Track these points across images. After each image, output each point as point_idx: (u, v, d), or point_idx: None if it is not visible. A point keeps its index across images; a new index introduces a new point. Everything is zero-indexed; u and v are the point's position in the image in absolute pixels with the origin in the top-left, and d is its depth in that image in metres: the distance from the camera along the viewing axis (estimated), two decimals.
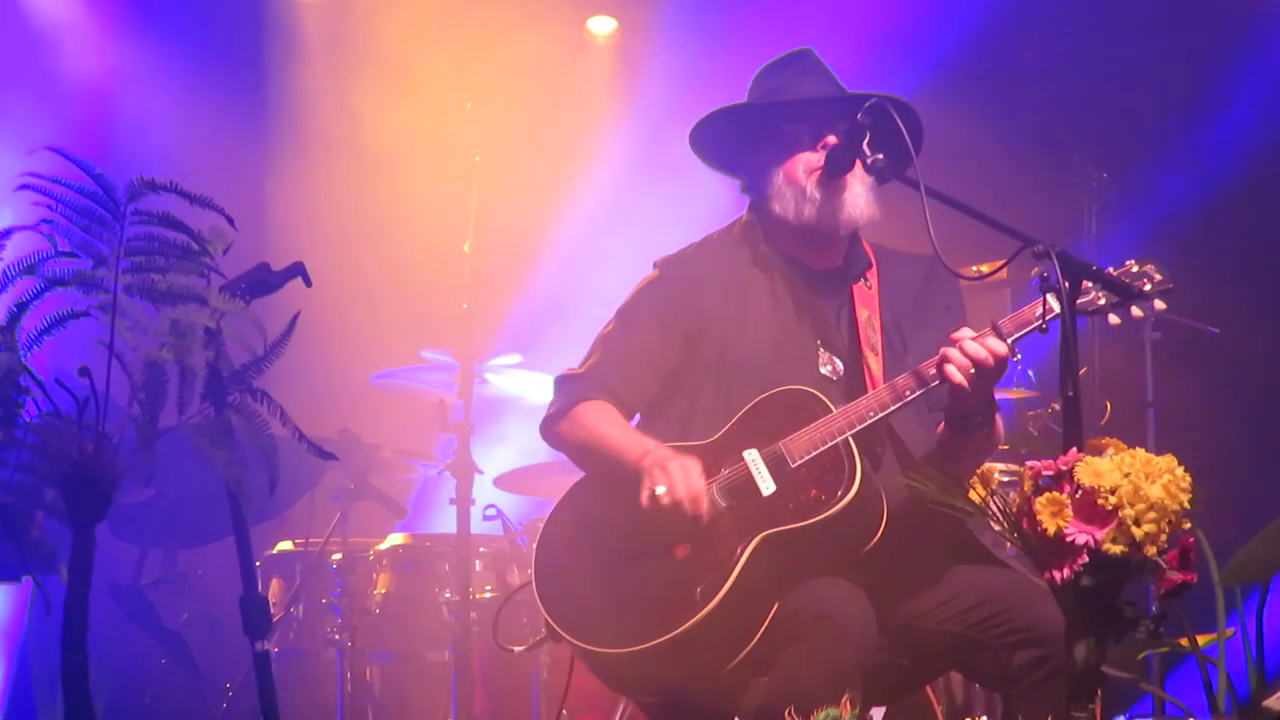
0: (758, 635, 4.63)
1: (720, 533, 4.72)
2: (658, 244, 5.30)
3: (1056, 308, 4.50)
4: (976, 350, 4.65)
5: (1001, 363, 4.67)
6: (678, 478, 4.69)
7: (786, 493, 4.73)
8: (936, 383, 4.72)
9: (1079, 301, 4.42)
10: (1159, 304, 4.73)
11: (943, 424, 4.92)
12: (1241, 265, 8.76)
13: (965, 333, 4.70)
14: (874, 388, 4.85)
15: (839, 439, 4.73)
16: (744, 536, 4.68)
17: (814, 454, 4.74)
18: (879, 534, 4.70)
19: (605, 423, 4.96)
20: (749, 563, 4.65)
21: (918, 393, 4.76)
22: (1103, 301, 4.70)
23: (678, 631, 4.62)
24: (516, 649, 5.66)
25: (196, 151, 8.73)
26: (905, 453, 4.91)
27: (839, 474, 4.70)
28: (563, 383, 5.11)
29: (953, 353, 4.66)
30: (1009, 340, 4.69)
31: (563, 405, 5.04)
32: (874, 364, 4.94)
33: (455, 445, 7.60)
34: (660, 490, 4.68)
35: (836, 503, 4.66)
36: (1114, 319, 4.73)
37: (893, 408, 4.76)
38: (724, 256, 5.12)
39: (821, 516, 4.66)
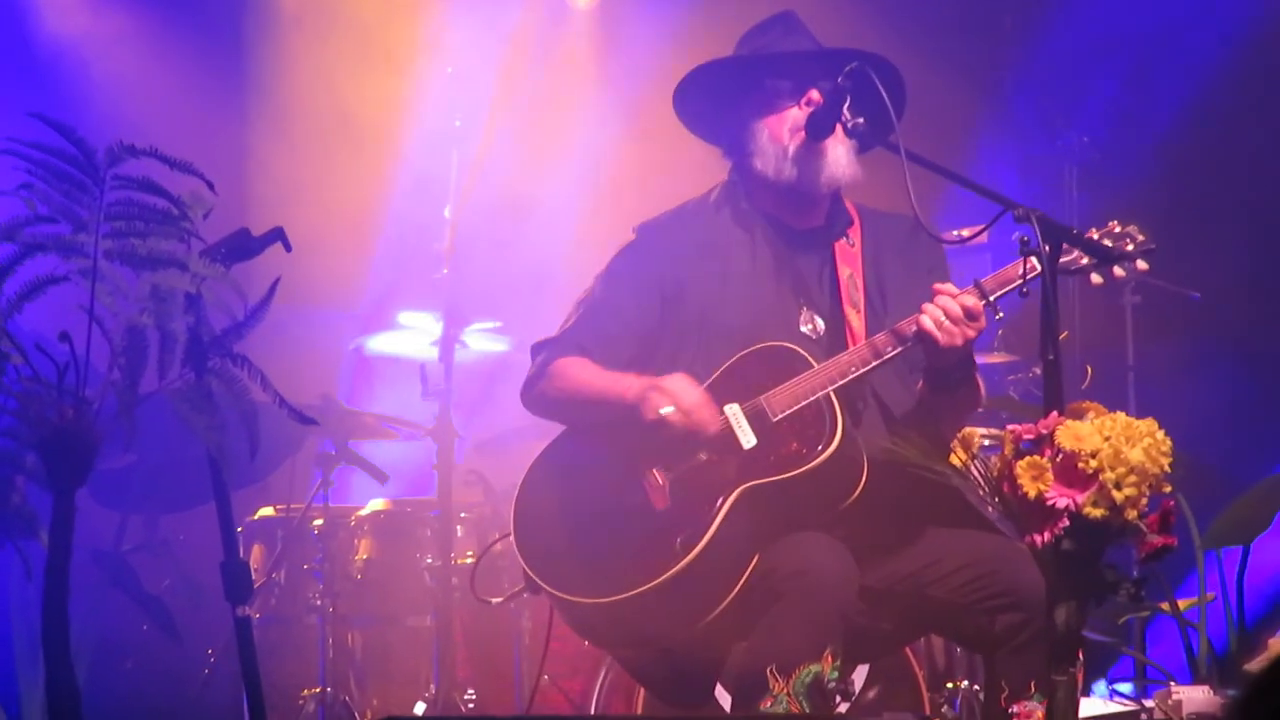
0: (736, 588, 4.63)
1: (701, 486, 4.73)
2: (640, 209, 5.30)
3: (1039, 267, 4.52)
4: (954, 308, 4.66)
5: (981, 321, 4.68)
6: (678, 391, 4.71)
7: (767, 446, 4.74)
8: (917, 340, 4.73)
9: (1061, 261, 4.42)
10: (1141, 264, 4.74)
11: (922, 383, 4.92)
12: (1222, 230, 8.76)
13: (948, 287, 4.70)
14: (855, 345, 4.85)
15: (820, 393, 4.74)
16: (725, 489, 4.69)
17: (795, 408, 4.74)
18: (859, 488, 4.70)
19: (585, 372, 4.97)
20: (729, 515, 4.66)
21: (899, 349, 4.76)
22: (1085, 261, 4.70)
23: (657, 581, 4.63)
24: (494, 600, 5.67)
25: (176, 116, 8.69)
26: (886, 412, 4.92)
27: (820, 428, 4.71)
28: (538, 348, 5.13)
29: (932, 309, 4.67)
30: (991, 298, 4.70)
31: (539, 368, 5.07)
32: (855, 321, 4.95)
33: (436, 410, 7.59)
34: (666, 410, 4.69)
35: (817, 456, 4.67)
36: (1096, 279, 4.74)
37: (874, 363, 4.77)
38: (703, 218, 5.14)
39: (802, 469, 4.67)
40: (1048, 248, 4.27)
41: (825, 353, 4.89)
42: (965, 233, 4.76)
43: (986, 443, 5.78)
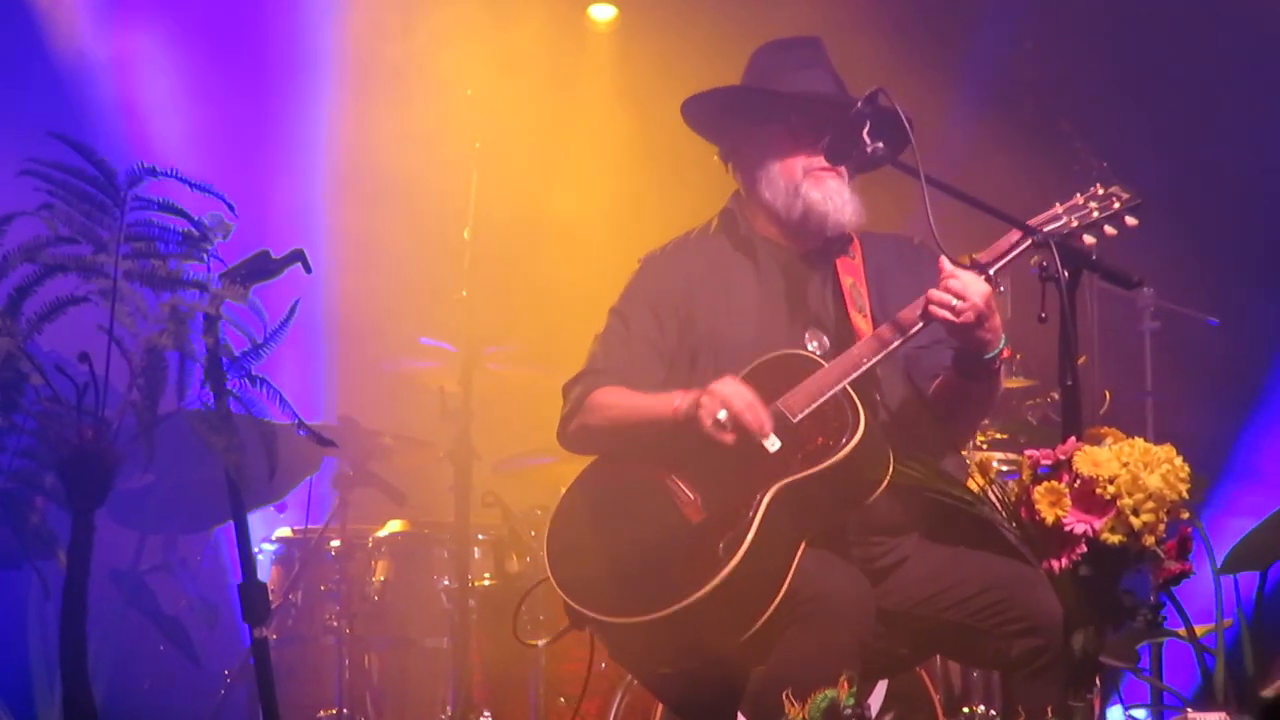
0: (783, 588, 4.60)
1: (734, 494, 4.72)
2: (657, 231, 5.31)
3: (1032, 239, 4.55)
4: (957, 284, 4.65)
5: (982, 285, 4.66)
6: (731, 394, 4.71)
7: (793, 446, 4.72)
8: (922, 324, 4.72)
9: (1051, 228, 4.45)
10: (1130, 220, 4.72)
11: (948, 374, 4.91)
12: (1242, 256, 8.75)
13: (946, 265, 4.70)
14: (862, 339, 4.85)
15: (836, 388, 4.73)
16: (760, 491, 4.67)
17: (814, 406, 4.73)
18: (889, 474, 4.69)
19: (626, 397, 4.96)
20: (768, 512, 4.64)
21: (907, 335, 4.75)
22: (1075, 225, 4.69)
23: (709, 587, 4.58)
24: (540, 643, 5.64)
25: (196, 138, 8.73)
26: (895, 417, 4.92)
27: (842, 420, 4.70)
28: (570, 386, 5.11)
29: (934, 291, 4.67)
30: (990, 271, 4.70)
31: (576, 403, 5.05)
32: (862, 324, 4.94)
33: (455, 432, 7.59)
34: (722, 415, 4.70)
35: (844, 446, 4.66)
36: (1089, 239, 4.71)
37: (885, 351, 4.76)
38: (706, 246, 5.16)
39: (832, 460, 4.66)
40: (1066, 273, 4.27)
41: None
42: (980, 256, 4.75)
43: (1004, 468, 5.78)
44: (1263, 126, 8.84)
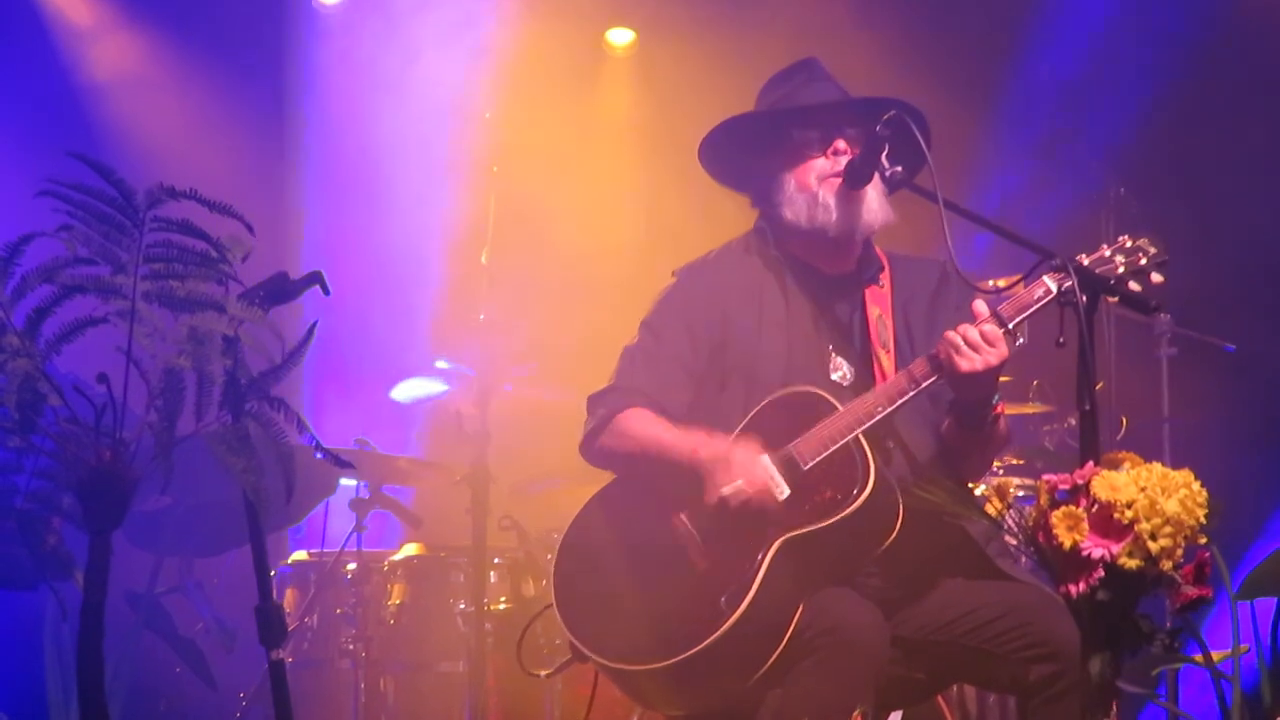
0: (785, 640, 4.60)
1: (740, 542, 4.71)
2: (677, 254, 5.31)
3: (1054, 289, 4.53)
4: (972, 333, 4.64)
5: (1001, 347, 4.65)
6: (744, 471, 4.71)
7: (802, 495, 4.72)
8: (935, 372, 4.71)
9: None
10: (1156, 276, 4.69)
11: (948, 420, 4.90)
12: (1257, 281, 8.74)
13: (967, 325, 4.68)
14: (880, 384, 4.84)
15: (848, 436, 4.72)
16: (764, 543, 4.67)
17: (825, 454, 4.72)
18: (897, 528, 4.68)
19: (650, 426, 4.94)
20: (771, 568, 4.64)
21: (924, 384, 4.74)
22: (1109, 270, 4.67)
23: (706, 643, 4.60)
24: (543, 674, 5.64)
25: (215, 158, 8.75)
26: (912, 457, 4.91)
27: (852, 472, 4.69)
28: (597, 399, 5.09)
29: (950, 335, 4.65)
30: (1009, 325, 4.68)
31: (602, 419, 5.02)
32: (885, 361, 4.93)
33: (471, 455, 7.59)
34: (727, 490, 4.69)
35: (853, 501, 4.65)
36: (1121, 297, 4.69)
37: (900, 401, 4.75)
38: (739, 264, 5.14)
39: (840, 516, 4.65)
40: (1085, 298, 4.26)
41: (856, 397, 4.87)
42: (1002, 282, 4.74)
43: (1021, 493, 5.77)
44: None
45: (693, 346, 5.04)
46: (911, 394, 4.74)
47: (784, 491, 4.71)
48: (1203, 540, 3.71)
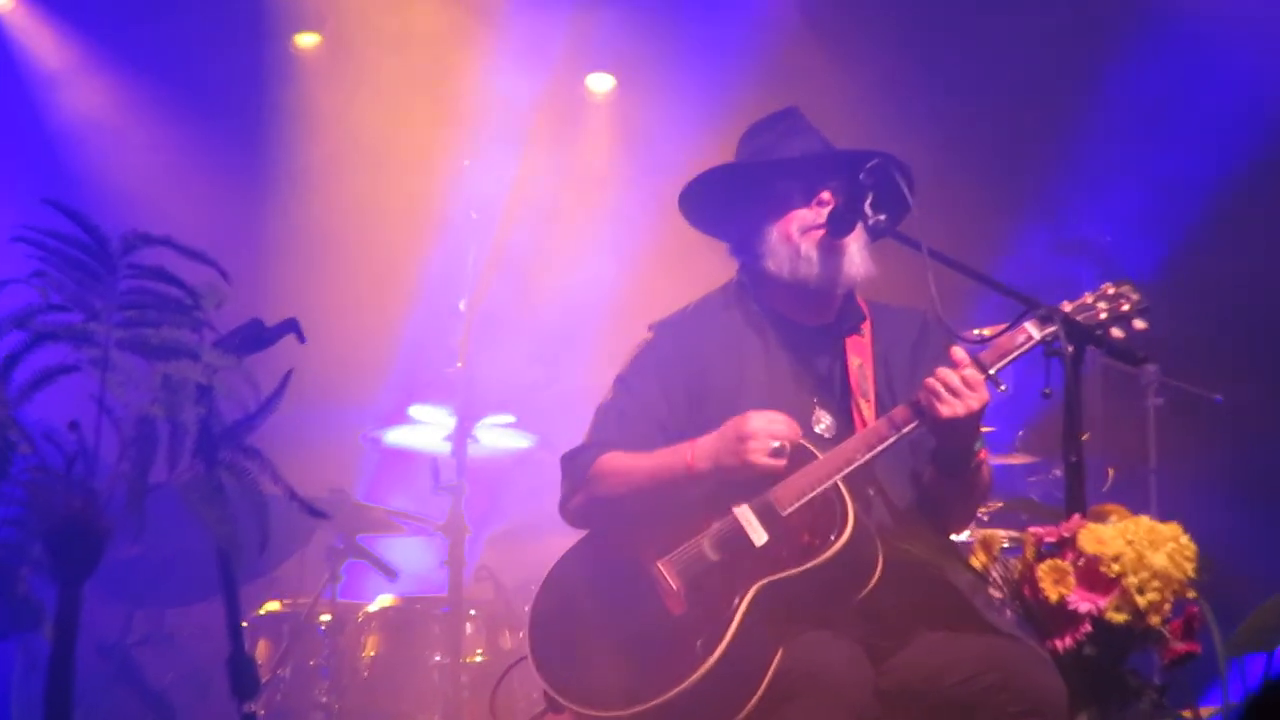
0: (763, 685, 4.56)
1: (716, 587, 4.69)
2: (656, 303, 5.28)
3: (1036, 335, 4.51)
4: (952, 379, 4.61)
5: (982, 392, 4.62)
6: (774, 424, 4.69)
7: (780, 541, 4.69)
8: (916, 417, 4.68)
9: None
10: (1139, 323, 4.67)
11: (931, 469, 4.87)
12: (1244, 332, 8.75)
13: (948, 370, 4.65)
14: (860, 432, 4.81)
15: (828, 483, 4.69)
16: (741, 588, 4.64)
17: (804, 500, 4.69)
18: (875, 576, 4.65)
19: (632, 459, 4.92)
20: (748, 612, 4.61)
21: (904, 429, 4.72)
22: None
23: (682, 686, 4.57)
24: None
25: (190, 205, 8.71)
26: (893, 505, 4.88)
27: (831, 518, 4.66)
28: (570, 458, 5.07)
29: (931, 381, 4.63)
30: (991, 371, 4.65)
31: (576, 478, 5.01)
32: (866, 411, 4.93)
33: (448, 505, 7.54)
34: (775, 444, 4.66)
35: (831, 546, 4.62)
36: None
37: (880, 447, 4.72)
38: (717, 318, 5.12)
39: (817, 561, 4.62)
40: (1072, 349, 4.23)
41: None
42: (986, 332, 4.71)
43: (1007, 544, 5.73)
44: (1271, 203, 8.85)
45: (667, 402, 5.02)
46: (892, 439, 4.72)
47: (761, 537, 4.68)
48: (1191, 595, 3.68)
